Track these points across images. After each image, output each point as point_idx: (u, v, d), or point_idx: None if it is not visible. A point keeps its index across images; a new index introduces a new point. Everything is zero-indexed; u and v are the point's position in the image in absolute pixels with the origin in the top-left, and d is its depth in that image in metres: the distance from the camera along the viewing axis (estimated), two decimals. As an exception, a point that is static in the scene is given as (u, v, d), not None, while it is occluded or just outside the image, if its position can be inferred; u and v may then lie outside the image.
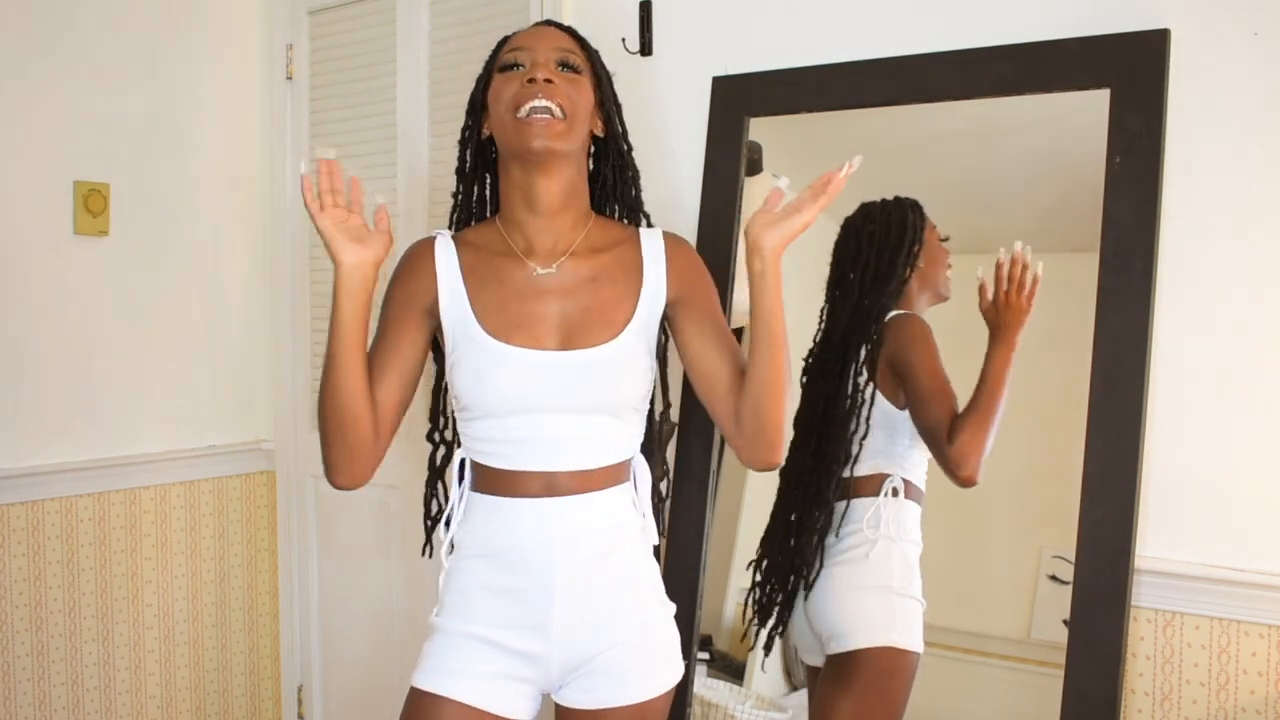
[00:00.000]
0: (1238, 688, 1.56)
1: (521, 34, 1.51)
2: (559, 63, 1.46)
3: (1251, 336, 1.56)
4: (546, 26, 1.53)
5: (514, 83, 1.44)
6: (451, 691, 1.43)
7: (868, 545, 1.77)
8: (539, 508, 1.43)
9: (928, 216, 1.79)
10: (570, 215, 1.50)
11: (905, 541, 1.77)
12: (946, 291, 1.80)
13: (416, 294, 1.48)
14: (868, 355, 1.79)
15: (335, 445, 1.42)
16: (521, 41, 1.48)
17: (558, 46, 1.47)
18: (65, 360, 2.33)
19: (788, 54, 1.92)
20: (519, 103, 1.41)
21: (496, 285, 1.47)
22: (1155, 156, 1.57)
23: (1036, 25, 1.69)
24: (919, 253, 1.78)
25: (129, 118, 2.42)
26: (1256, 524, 1.55)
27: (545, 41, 1.47)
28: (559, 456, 1.43)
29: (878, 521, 1.76)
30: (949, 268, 1.79)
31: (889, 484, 1.77)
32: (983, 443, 1.67)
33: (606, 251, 1.50)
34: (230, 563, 2.68)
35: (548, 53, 1.46)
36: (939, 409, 1.71)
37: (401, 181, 2.45)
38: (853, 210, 1.83)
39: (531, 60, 1.45)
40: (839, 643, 1.77)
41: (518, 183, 1.48)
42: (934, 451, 1.73)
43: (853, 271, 1.81)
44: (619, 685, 1.45)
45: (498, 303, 1.45)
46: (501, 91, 1.45)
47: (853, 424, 1.78)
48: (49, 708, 2.32)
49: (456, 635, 1.46)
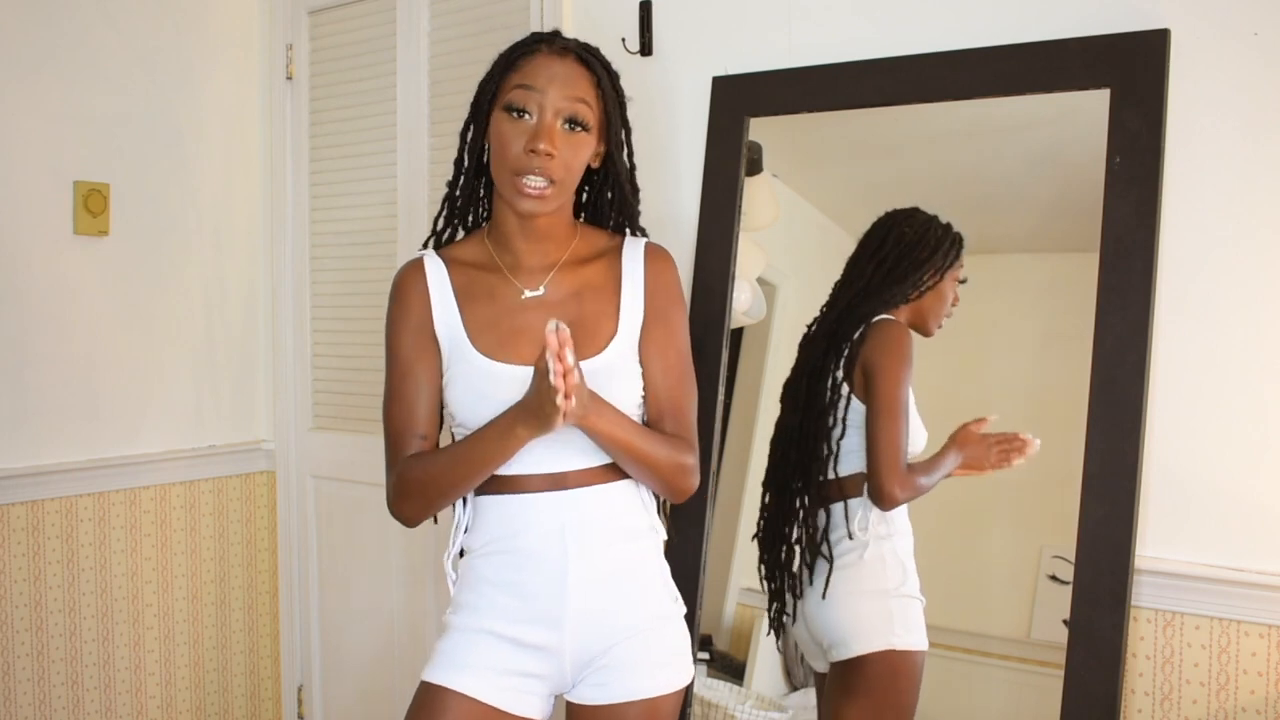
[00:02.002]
0: (1238, 688, 1.56)
1: (539, 63, 1.45)
2: (567, 119, 1.43)
3: (1252, 336, 1.56)
4: (567, 61, 1.45)
5: (519, 136, 1.42)
6: (460, 685, 1.44)
7: (860, 548, 1.76)
8: (549, 500, 1.45)
9: (961, 257, 1.77)
10: (557, 236, 1.52)
11: (895, 537, 1.77)
12: (933, 330, 1.78)
13: (421, 324, 1.50)
14: (846, 355, 1.78)
15: (430, 509, 1.48)
16: (535, 79, 1.43)
17: (570, 95, 1.43)
18: (65, 360, 2.33)
19: (788, 54, 1.92)
20: (519, 170, 1.42)
21: (487, 303, 1.49)
22: (1155, 156, 1.57)
23: (1036, 25, 1.69)
24: (935, 285, 1.77)
25: (129, 118, 2.43)
26: (1256, 524, 1.55)
27: (559, 87, 1.43)
28: (562, 458, 1.45)
29: (866, 523, 1.76)
30: (948, 315, 1.78)
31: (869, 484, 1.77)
32: (912, 496, 1.74)
33: (590, 264, 1.52)
34: (230, 563, 2.68)
35: (558, 103, 1.42)
36: (885, 428, 1.72)
37: (401, 181, 2.45)
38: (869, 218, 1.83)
39: (539, 111, 1.42)
40: (840, 650, 1.76)
41: (511, 216, 1.49)
42: (868, 465, 1.73)
43: (869, 264, 1.80)
44: (632, 679, 1.46)
45: (488, 321, 1.48)
46: (505, 140, 1.43)
47: (829, 421, 1.78)
48: (49, 708, 2.32)
49: (468, 631, 1.47)
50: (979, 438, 1.72)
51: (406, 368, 1.50)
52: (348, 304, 2.59)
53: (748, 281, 1.97)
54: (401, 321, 1.51)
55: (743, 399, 1.99)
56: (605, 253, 1.54)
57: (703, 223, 1.98)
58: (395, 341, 1.51)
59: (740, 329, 2.01)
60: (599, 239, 1.56)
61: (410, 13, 2.42)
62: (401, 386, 1.50)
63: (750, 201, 1.95)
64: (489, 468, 1.42)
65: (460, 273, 1.52)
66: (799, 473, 1.82)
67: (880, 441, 1.72)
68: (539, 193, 1.42)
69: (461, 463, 1.42)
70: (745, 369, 2.00)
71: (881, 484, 1.71)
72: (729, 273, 1.93)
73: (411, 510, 1.49)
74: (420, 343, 1.49)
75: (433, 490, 1.45)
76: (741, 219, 1.95)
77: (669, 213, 2.03)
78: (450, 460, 1.44)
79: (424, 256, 1.54)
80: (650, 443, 1.46)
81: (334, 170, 2.60)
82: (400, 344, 1.51)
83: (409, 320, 1.50)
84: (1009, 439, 1.69)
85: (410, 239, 2.42)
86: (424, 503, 1.47)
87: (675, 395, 1.52)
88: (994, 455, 1.71)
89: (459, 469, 1.43)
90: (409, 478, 1.47)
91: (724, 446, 1.97)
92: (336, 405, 2.63)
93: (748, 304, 1.98)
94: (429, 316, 1.50)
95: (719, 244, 1.95)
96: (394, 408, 1.50)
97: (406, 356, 1.50)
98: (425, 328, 1.50)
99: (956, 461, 1.73)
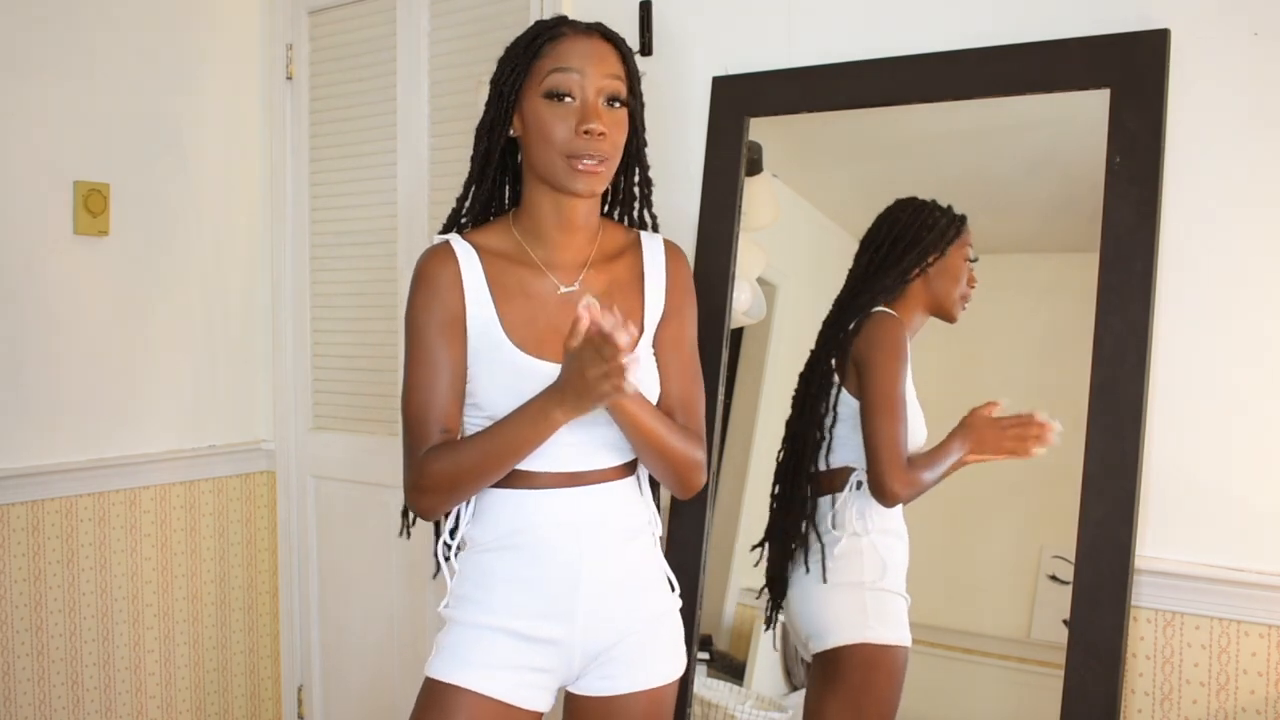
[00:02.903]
0: (1238, 688, 1.56)
1: (570, 45, 1.44)
2: (608, 98, 1.44)
3: (1251, 336, 1.56)
4: (594, 39, 1.45)
5: (567, 119, 1.41)
6: (469, 682, 1.43)
7: (834, 542, 1.76)
8: (564, 497, 1.46)
9: (965, 234, 1.74)
10: (590, 226, 1.52)
11: (875, 534, 1.75)
12: (954, 312, 1.74)
13: (451, 312, 1.47)
14: (838, 345, 1.78)
15: (454, 500, 1.46)
16: (571, 60, 1.43)
17: (607, 73, 1.43)
18: (65, 360, 2.33)
19: (788, 54, 1.92)
20: (572, 152, 1.41)
21: (523, 299, 1.47)
22: (1155, 156, 1.57)
23: (1036, 25, 1.69)
24: (933, 261, 1.75)
25: (129, 118, 2.43)
26: (1256, 524, 1.55)
27: (596, 66, 1.43)
28: (583, 458, 1.46)
29: (843, 519, 1.75)
30: (966, 296, 1.74)
31: (854, 477, 1.76)
32: (916, 493, 1.70)
33: (616, 260, 1.53)
34: (230, 563, 2.68)
35: (598, 82, 1.42)
36: (881, 424, 1.71)
37: (401, 181, 2.45)
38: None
39: (582, 93, 1.42)
40: (816, 642, 1.77)
41: (550, 201, 1.48)
42: (868, 463, 1.72)
43: (865, 254, 1.80)
44: (638, 670, 1.48)
45: (526, 316, 1.47)
46: (552, 127, 1.42)
47: (823, 409, 1.77)
48: (49, 708, 2.32)
49: (476, 627, 1.46)
50: (990, 421, 1.68)
51: (432, 356, 1.46)
52: (348, 304, 2.59)
53: (748, 281, 1.97)
54: (429, 309, 1.47)
55: (743, 399, 1.99)
56: (627, 248, 1.55)
57: (703, 223, 1.98)
58: (420, 329, 1.46)
59: (740, 329, 2.01)
60: (619, 234, 1.57)
61: (410, 13, 2.42)
62: (426, 376, 1.45)
63: (750, 201, 1.95)
64: (521, 455, 1.40)
65: (492, 262, 1.49)
66: (793, 464, 1.82)
67: (877, 438, 1.70)
68: (593, 169, 1.42)
69: (493, 453, 1.40)
70: (745, 369, 2.00)
71: (882, 481, 1.69)
72: (729, 273, 1.93)
73: (434, 502, 1.45)
74: (448, 332, 1.46)
75: (462, 480, 1.42)
76: (741, 219, 1.95)
77: (669, 212, 2.02)
78: (480, 450, 1.41)
79: (452, 242, 1.50)
80: (671, 433, 1.46)
81: (334, 170, 2.60)
82: (426, 332, 1.46)
83: (438, 308, 1.46)
84: (1024, 422, 1.65)
85: (410, 239, 2.42)
86: (450, 494, 1.44)
87: (688, 390, 1.53)
88: (1009, 439, 1.66)
89: (490, 459, 1.40)
90: (433, 470, 1.43)
91: (724, 447, 1.97)
92: (336, 405, 2.63)
93: (748, 304, 1.98)
94: (461, 306, 1.46)
95: (719, 244, 1.95)
96: (417, 397, 1.46)
97: (432, 344, 1.46)
98: (455, 316, 1.46)
99: (963, 450, 1.69)
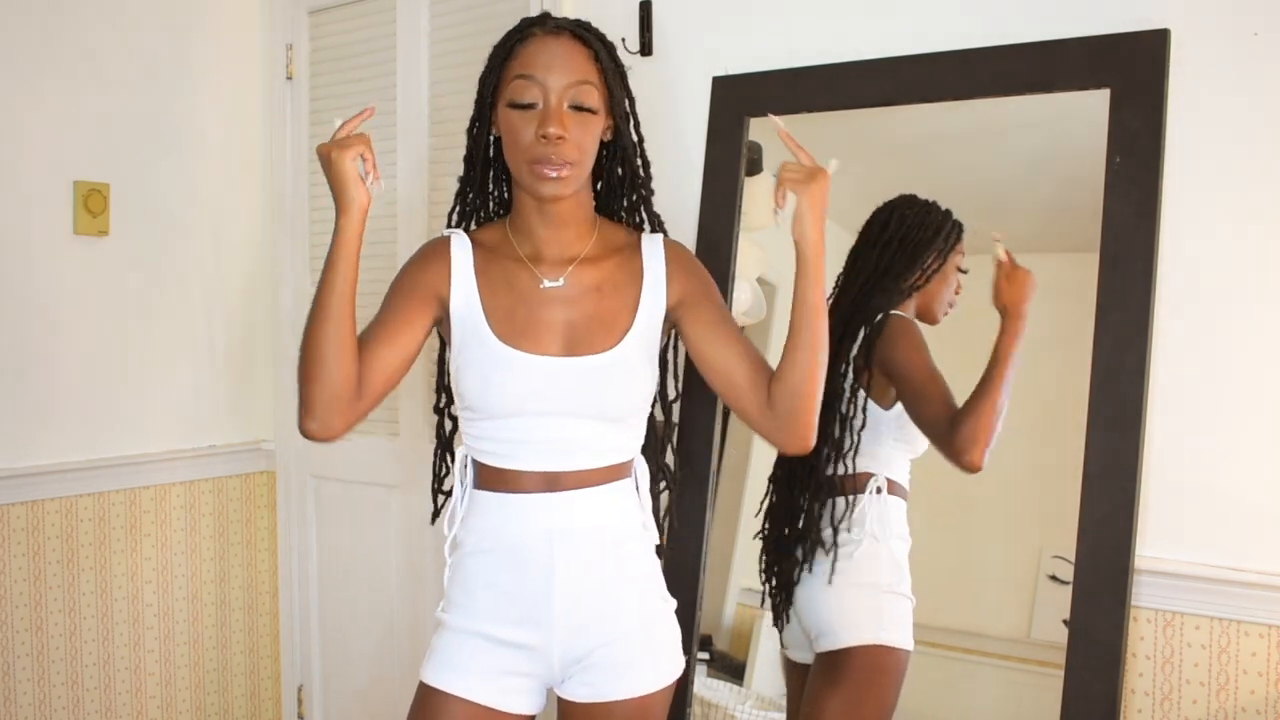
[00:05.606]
0: (1238, 688, 1.56)
1: (537, 48, 1.44)
2: (571, 104, 1.43)
3: (1251, 336, 1.56)
4: (563, 40, 1.45)
5: (529, 125, 1.42)
6: (454, 688, 1.45)
7: (854, 544, 1.77)
8: (540, 502, 1.45)
9: (961, 243, 1.77)
10: (576, 225, 1.52)
11: (892, 539, 1.77)
12: (939, 317, 1.78)
13: (429, 281, 1.50)
14: (859, 352, 1.78)
15: (313, 382, 1.39)
16: (534, 67, 1.43)
17: (571, 79, 1.43)
18: (65, 360, 2.33)
19: (788, 54, 1.92)
20: (534, 158, 1.42)
21: (506, 290, 1.49)
22: (1155, 156, 1.57)
23: (1036, 25, 1.69)
24: (939, 267, 1.77)
25: (129, 118, 2.42)
26: (1256, 524, 1.55)
27: (559, 72, 1.42)
28: (561, 457, 1.46)
29: (864, 520, 1.76)
30: (953, 303, 1.78)
31: (874, 482, 1.77)
32: (989, 427, 1.64)
33: (610, 258, 1.53)
34: (230, 563, 2.68)
35: (560, 87, 1.42)
36: (934, 399, 1.71)
37: (401, 181, 2.45)
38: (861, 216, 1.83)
39: (544, 99, 1.42)
40: (828, 640, 1.77)
41: (530, 203, 1.50)
42: (937, 443, 1.71)
43: (874, 251, 1.80)
44: (618, 679, 1.46)
45: (506, 307, 1.48)
46: (516, 132, 1.43)
47: (849, 410, 1.78)
48: (49, 708, 2.32)
49: (462, 632, 1.48)
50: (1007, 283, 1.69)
51: (385, 312, 1.48)
52: (348, 304, 2.59)
53: (748, 281, 1.98)
54: (407, 274, 1.51)
55: (743, 399, 1.98)
56: (624, 248, 1.55)
57: (703, 223, 1.98)
58: (393, 292, 1.50)
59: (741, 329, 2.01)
60: (618, 234, 1.57)
61: (410, 13, 2.42)
62: (371, 325, 1.47)
63: (750, 201, 1.95)
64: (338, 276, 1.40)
65: (482, 255, 1.52)
66: (805, 464, 1.81)
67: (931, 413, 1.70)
68: (557, 173, 1.42)
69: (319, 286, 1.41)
70: (745, 369, 2.00)
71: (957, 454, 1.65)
72: (729, 273, 1.93)
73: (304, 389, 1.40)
74: (414, 298, 1.48)
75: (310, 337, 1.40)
76: (741, 219, 1.95)
77: (669, 212, 2.02)
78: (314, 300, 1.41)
79: (452, 234, 1.54)
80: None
81: (334, 170, 2.60)
82: (393, 293, 1.50)
83: (418, 282, 1.50)
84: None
85: (410, 239, 2.42)
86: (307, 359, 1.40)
87: (754, 351, 1.52)
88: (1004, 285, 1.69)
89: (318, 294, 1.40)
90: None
91: (724, 447, 1.97)
92: (336, 405, 2.63)
93: (748, 304, 1.98)
94: (444, 288, 1.49)
95: (719, 244, 1.95)
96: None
97: (391, 302, 1.49)
98: (432, 293, 1.49)
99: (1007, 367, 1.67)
